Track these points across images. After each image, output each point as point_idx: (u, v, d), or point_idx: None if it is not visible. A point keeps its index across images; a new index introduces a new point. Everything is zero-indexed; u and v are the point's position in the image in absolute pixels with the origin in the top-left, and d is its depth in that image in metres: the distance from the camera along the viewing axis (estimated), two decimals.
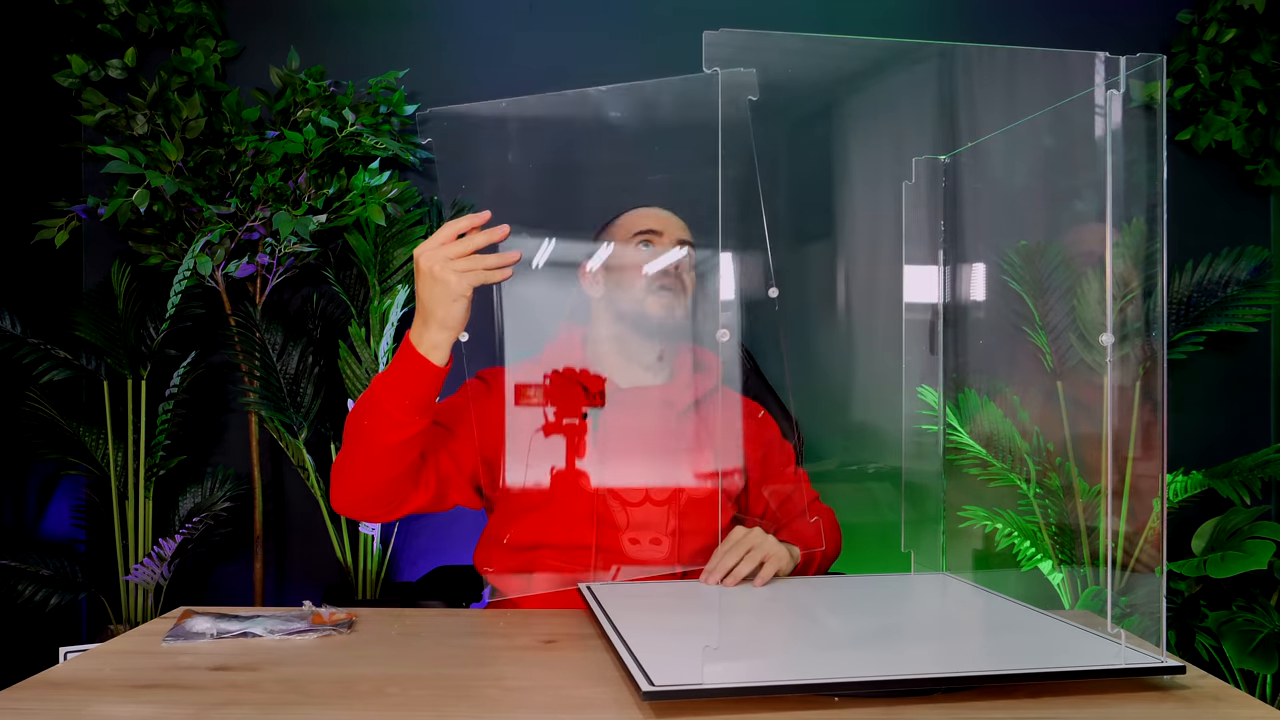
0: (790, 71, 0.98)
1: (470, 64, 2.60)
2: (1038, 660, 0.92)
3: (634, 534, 1.39)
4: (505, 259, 1.17)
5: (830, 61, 1.26)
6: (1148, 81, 0.97)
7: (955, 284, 1.49)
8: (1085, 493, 2.43)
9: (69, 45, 2.44)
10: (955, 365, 2.42)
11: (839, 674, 0.87)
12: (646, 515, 1.40)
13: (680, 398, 1.46)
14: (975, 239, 1.60)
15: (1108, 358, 1.02)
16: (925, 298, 1.45)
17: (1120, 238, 1.00)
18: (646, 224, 1.43)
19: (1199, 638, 2.28)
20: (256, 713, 0.85)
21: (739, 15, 2.58)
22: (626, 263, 1.42)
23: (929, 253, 1.45)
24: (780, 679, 0.85)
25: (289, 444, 2.40)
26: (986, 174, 1.51)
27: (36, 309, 2.35)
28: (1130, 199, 0.99)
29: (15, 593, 2.23)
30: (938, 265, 1.44)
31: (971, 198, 1.50)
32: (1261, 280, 2.45)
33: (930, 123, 2.40)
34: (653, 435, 1.44)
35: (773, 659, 0.96)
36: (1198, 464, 2.41)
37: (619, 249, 1.43)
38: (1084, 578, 2.36)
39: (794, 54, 0.98)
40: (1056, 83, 1.09)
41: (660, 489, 1.42)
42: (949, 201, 1.45)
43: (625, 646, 0.94)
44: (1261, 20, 2.45)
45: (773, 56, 0.92)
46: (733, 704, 0.84)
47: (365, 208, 2.31)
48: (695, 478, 1.45)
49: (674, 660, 0.89)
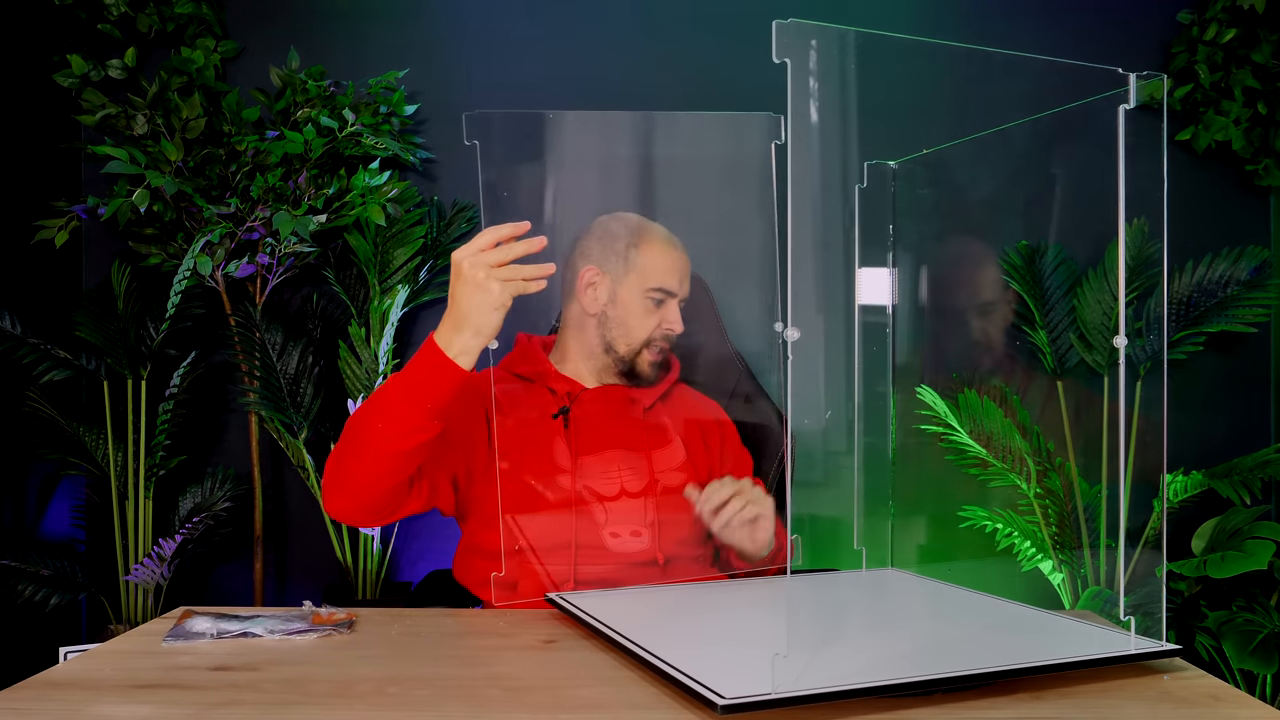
0: (855, 67, 0.99)
1: (470, 64, 2.60)
2: (1035, 654, 0.92)
3: (614, 528, 1.40)
4: (542, 270, 1.16)
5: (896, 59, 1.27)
6: (1148, 81, 0.98)
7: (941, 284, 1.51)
8: (1085, 493, 2.43)
9: (69, 45, 2.44)
10: (955, 365, 2.42)
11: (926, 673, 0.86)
12: (624, 509, 1.41)
13: (645, 394, 1.49)
14: (961, 238, 1.61)
15: (1120, 358, 1.03)
16: (879, 299, 1.47)
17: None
18: (662, 279, 1.43)
19: (1199, 638, 2.28)
20: (256, 713, 0.85)
21: (739, 15, 2.58)
22: (634, 307, 1.44)
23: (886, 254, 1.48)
24: (856, 682, 0.83)
25: (289, 444, 2.40)
26: (972, 176, 1.52)
27: (36, 309, 2.35)
28: (1130, 201, 1.00)
29: (15, 593, 2.23)
30: (888, 267, 1.47)
31: (958, 198, 1.51)
32: (1261, 280, 2.45)
33: (930, 121, 2.40)
34: (622, 430, 1.45)
35: (840, 663, 0.94)
36: (1198, 464, 2.41)
37: (631, 285, 1.43)
38: (1084, 578, 2.36)
39: (859, 49, 0.98)
40: (1057, 91, 1.09)
41: (634, 481, 1.43)
42: (926, 203, 1.48)
43: (656, 658, 0.92)
44: (1261, 20, 2.45)
45: (838, 50, 0.92)
46: (806, 712, 0.83)
47: (365, 208, 2.31)
48: (667, 470, 1.46)
49: (726, 669, 0.88)
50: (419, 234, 2.43)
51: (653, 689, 0.91)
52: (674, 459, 1.47)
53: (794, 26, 0.84)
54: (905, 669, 0.87)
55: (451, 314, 1.16)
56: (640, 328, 1.45)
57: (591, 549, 1.38)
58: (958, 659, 0.92)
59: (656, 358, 1.47)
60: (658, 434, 1.48)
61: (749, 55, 2.53)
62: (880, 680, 0.84)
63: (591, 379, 1.49)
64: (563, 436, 1.41)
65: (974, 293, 2.38)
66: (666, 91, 2.59)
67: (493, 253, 1.13)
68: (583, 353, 1.48)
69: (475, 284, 1.13)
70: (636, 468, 1.44)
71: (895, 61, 2.01)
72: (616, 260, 1.44)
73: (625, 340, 1.45)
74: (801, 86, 0.85)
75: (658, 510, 1.42)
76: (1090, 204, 2.36)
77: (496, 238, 1.14)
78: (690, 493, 1.37)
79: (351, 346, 2.37)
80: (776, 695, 0.80)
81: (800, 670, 0.84)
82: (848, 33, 0.92)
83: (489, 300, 1.13)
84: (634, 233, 1.45)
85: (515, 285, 1.14)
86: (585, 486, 1.40)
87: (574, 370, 1.49)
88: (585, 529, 1.38)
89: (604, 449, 1.43)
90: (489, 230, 1.14)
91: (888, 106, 2.20)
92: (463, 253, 1.14)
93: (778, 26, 0.84)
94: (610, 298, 1.45)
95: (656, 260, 1.44)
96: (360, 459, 1.23)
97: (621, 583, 1.37)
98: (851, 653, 0.97)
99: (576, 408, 1.45)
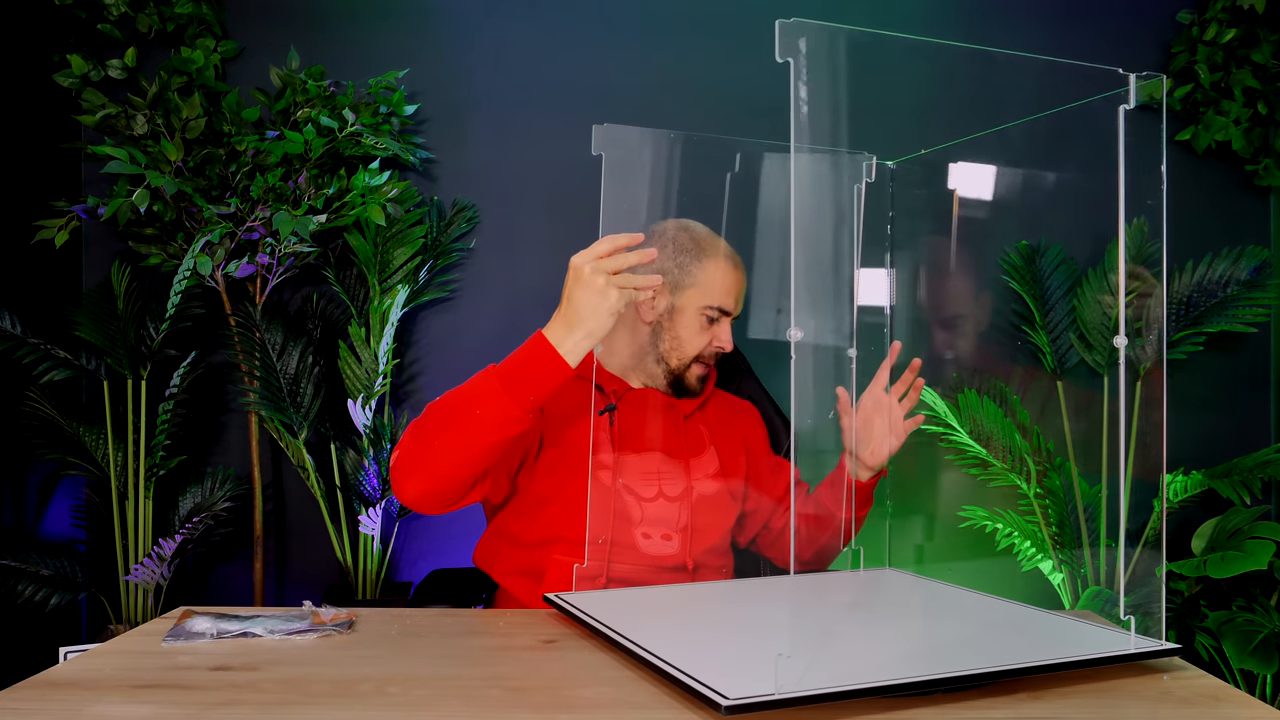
0: (857, 67, 0.99)
1: (470, 64, 2.60)
2: (1035, 654, 0.92)
3: (646, 529, 1.41)
4: (651, 281, 1.20)
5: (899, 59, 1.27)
6: (1148, 82, 0.98)
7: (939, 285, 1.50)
8: (1085, 493, 2.43)
9: (69, 45, 2.44)
10: (955, 365, 2.42)
11: (926, 673, 0.86)
12: (660, 510, 1.42)
13: (686, 402, 1.51)
14: (961, 241, 1.62)
15: (1120, 359, 1.03)
16: (878, 300, 1.48)
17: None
18: (720, 299, 1.44)
19: (1199, 638, 2.28)
20: (256, 713, 0.85)
21: (738, 15, 2.58)
22: (690, 323, 1.45)
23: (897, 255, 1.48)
24: (858, 683, 0.83)
25: (289, 444, 2.40)
26: (979, 175, 1.52)
27: (36, 309, 2.35)
28: (1130, 201, 1.00)
29: (15, 593, 2.23)
30: (886, 268, 1.48)
31: (963, 199, 1.51)
32: (1261, 280, 2.45)
33: (931, 121, 2.41)
34: (663, 435, 1.47)
35: (840, 663, 0.94)
36: (1198, 464, 2.41)
37: (690, 299, 1.44)
38: (1084, 578, 2.36)
39: (865, 49, 0.98)
40: (1057, 90, 1.10)
41: (673, 485, 1.44)
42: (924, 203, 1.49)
43: (658, 659, 0.92)
44: (1261, 20, 2.45)
45: (842, 50, 0.92)
46: (808, 712, 0.83)
47: (365, 208, 2.31)
48: (705, 477, 1.48)
49: (727, 669, 0.88)
50: (419, 234, 2.43)
51: (653, 689, 0.91)
52: (709, 467, 1.49)
53: (797, 26, 0.84)
54: (905, 669, 0.87)
55: (565, 314, 1.19)
56: (692, 344, 1.45)
57: (623, 547, 1.39)
58: (958, 659, 0.92)
59: (703, 372, 1.49)
60: (695, 442, 1.50)
61: (750, 56, 2.53)
62: (882, 680, 0.84)
63: (636, 380, 1.51)
64: (608, 433, 1.43)
65: (974, 293, 2.38)
66: (667, 91, 2.59)
67: (609, 260, 1.17)
68: (632, 355, 1.49)
69: (595, 289, 1.17)
70: (674, 473, 1.45)
71: (897, 61, 2.02)
72: (680, 273, 1.45)
73: (678, 354, 1.46)
74: (803, 85, 0.85)
75: (691, 516, 1.44)
76: (1091, 204, 2.36)
77: (614, 246, 1.18)
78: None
79: (351, 346, 2.37)
80: (780, 695, 0.80)
81: (803, 671, 0.84)
82: (851, 33, 0.92)
83: (606, 305, 1.17)
84: (700, 247, 1.45)
85: (629, 293, 1.18)
86: (624, 484, 1.42)
87: (620, 368, 1.50)
88: (621, 527, 1.40)
89: (645, 450, 1.45)
90: (607, 239, 1.19)
91: (889, 106, 2.21)
92: (582, 258, 1.18)
93: (781, 26, 0.84)
94: (668, 309, 1.45)
95: (719, 279, 1.44)
96: (451, 445, 1.22)
97: (649, 584, 1.38)
98: (851, 653, 0.97)
99: (621, 406, 1.46)
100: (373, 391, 2.34)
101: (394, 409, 2.55)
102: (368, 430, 2.33)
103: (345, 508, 2.43)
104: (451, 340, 2.60)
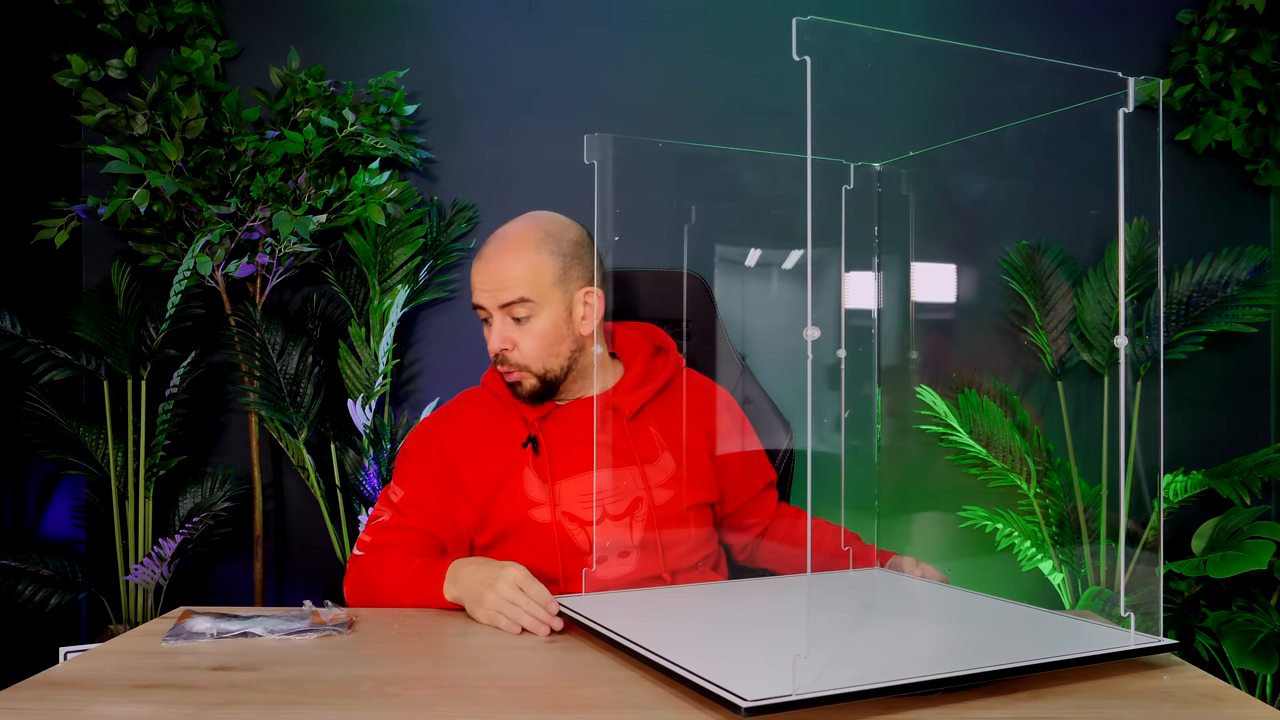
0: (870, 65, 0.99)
1: (470, 64, 2.60)
2: (1035, 653, 0.92)
3: (600, 554, 1.33)
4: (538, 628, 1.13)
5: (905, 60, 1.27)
6: (1147, 84, 0.98)
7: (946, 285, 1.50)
8: (1086, 493, 2.43)
9: (69, 45, 2.44)
10: (955, 364, 2.42)
11: (926, 673, 0.86)
12: (608, 531, 1.34)
13: (626, 401, 1.41)
14: (958, 240, 1.62)
15: (1120, 358, 1.03)
16: (865, 303, 1.48)
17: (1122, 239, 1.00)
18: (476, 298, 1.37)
19: (1199, 638, 2.28)
20: (256, 713, 0.85)
21: (738, 15, 2.58)
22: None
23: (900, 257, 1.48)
24: (871, 683, 0.83)
25: (289, 444, 2.40)
26: (971, 177, 1.52)
27: (36, 309, 2.35)
28: (1130, 202, 1.00)
29: (15, 593, 2.23)
30: (874, 271, 1.48)
31: (959, 199, 1.51)
32: (1261, 280, 2.45)
33: (931, 122, 2.41)
34: (612, 443, 1.38)
35: (841, 663, 0.93)
36: (1198, 464, 2.41)
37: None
38: (1084, 578, 2.36)
39: (879, 48, 0.98)
40: (1059, 93, 1.10)
41: (619, 501, 1.36)
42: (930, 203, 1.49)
43: (670, 662, 0.91)
44: (1261, 20, 2.45)
45: (858, 49, 0.92)
46: (819, 713, 0.83)
47: (365, 208, 2.31)
48: (662, 483, 1.38)
49: (740, 669, 0.88)
50: (419, 234, 2.43)
51: (653, 688, 0.91)
52: (666, 470, 1.39)
53: (815, 24, 0.84)
54: (905, 669, 0.87)
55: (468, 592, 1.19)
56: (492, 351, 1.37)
57: (578, 581, 1.30)
58: (957, 659, 0.92)
59: (515, 378, 1.36)
60: (643, 446, 1.40)
61: (751, 57, 2.53)
62: (888, 681, 0.84)
63: (569, 394, 1.42)
64: (533, 465, 1.35)
65: (974, 293, 2.38)
66: (667, 91, 2.59)
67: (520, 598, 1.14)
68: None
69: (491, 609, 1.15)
70: (624, 485, 1.36)
71: (904, 62, 2.02)
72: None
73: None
74: (820, 84, 0.84)
75: (652, 525, 1.36)
76: (1090, 204, 2.36)
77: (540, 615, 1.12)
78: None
79: (351, 346, 2.37)
80: (798, 696, 0.80)
81: (820, 671, 0.84)
82: (865, 32, 0.92)
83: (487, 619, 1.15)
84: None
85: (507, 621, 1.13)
86: (565, 514, 1.34)
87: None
88: (571, 559, 1.33)
89: (583, 471, 1.35)
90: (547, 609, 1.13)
91: (893, 106, 2.21)
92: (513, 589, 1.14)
93: (798, 24, 0.83)
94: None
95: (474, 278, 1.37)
96: (373, 597, 1.31)
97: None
98: (857, 654, 0.97)
99: (551, 426, 1.38)
100: (373, 391, 2.34)
101: (394, 409, 2.55)
102: (368, 430, 2.33)
103: (345, 508, 2.43)
104: (451, 340, 2.60)
